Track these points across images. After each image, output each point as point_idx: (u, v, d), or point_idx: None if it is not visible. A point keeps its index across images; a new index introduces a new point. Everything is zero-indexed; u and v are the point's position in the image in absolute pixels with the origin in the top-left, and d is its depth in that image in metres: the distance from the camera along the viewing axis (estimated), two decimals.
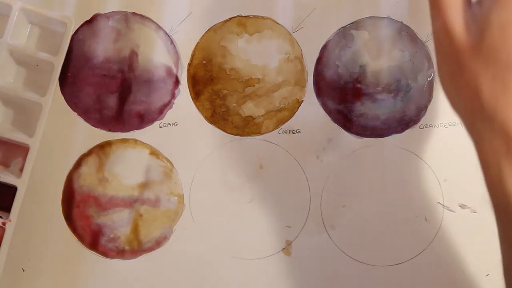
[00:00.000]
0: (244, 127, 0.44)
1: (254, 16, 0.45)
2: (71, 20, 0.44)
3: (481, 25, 0.26)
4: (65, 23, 0.44)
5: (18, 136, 0.43)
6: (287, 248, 0.43)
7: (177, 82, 0.45)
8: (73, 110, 0.45)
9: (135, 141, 0.45)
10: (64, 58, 0.44)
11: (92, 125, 0.45)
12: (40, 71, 0.45)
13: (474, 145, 0.28)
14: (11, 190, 0.42)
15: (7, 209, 0.42)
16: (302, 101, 0.44)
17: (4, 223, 0.42)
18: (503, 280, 0.29)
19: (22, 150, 0.44)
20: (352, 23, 0.44)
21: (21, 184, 0.42)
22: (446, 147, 0.43)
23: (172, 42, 0.45)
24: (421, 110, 0.44)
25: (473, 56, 0.26)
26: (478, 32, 0.27)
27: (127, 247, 0.44)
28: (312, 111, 0.44)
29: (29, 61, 0.45)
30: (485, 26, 0.26)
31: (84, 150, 0.45)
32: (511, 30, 0.25)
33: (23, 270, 0.44)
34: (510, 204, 0.26)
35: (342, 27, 0.44)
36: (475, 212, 0.42)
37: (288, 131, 0.44)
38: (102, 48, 0.45)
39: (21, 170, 0.43)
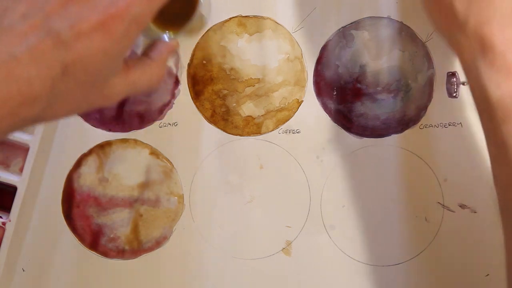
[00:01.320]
0: (244, 127, 0.44)
1: (254, 16, 0.45)
2: None
3: None
4: None
5: (18, 136, 0.43)
6: (287, 248, 0.43)
7: (177, 82, 0.45)
8: None
9: (135, 141, 0.45)
10: None
11: (92, 125, 0.45)
12: None
13: (458, 57, 0.32)
14: (11, 190, 0.42)
15: (7, 209, 0.42)
16: (302, 101, 0.44)
17: (4, 223, 0.42)
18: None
19: (22, 150, 0.44)
20: (352, 23, 0.44)
21: (21, 184, 0.42)
22: (446, 147, 0.43)
23: None
24: (421, 110, 0.44)
25: None
26: None
27: (127, 247, 0.44)
28: (312, 111, 0.44)
29: None
30: None
31: (84, 150, 0.45)
32: None
33: (23, 270, 0.44)
34: (490, 104, 0.29)
35: (342, 27, 0.44)
36: (475, 212, 0.42)
37: (288, 131, 0.44)
38: None
39: (21, 170, 0.43)
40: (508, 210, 0.30)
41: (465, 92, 0.41)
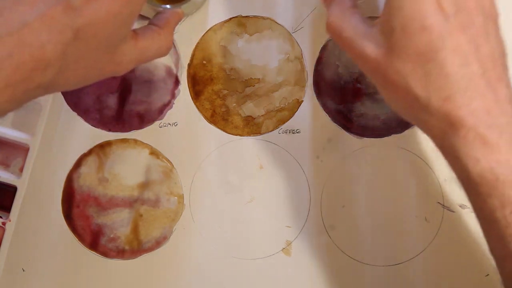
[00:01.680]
0: (244, 127, 0.44)
1: (254, 16, 0.45)
2: None
3: (385, 34, 0.29)
4: None
5: (18, 136, 0.43)
6: (287, 248, 0.43)
7: (177, 82, 0.45)
8: (73, 110, 0.45)
9: (135, 141, 0.45)
10: None
11: (92, 125, 0.45)
12: None
13: (429, 137, 0.31)
14: (11, 190, 0.42)
15: (7, 209, 0.42)
16: (302, 101, 0.44)
17: (4, 223, 0.42)
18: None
19: (22, 150, 0.44)
20: None
21: (21, 184, 0.42)
22: None
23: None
24: None
25: (389, 62, 0.29)
26: (384, 41, 0.29)
27: (127, 247, 0.44)
28: (312, 111, 0.44)
29: None
30: (389, 33, 0.29)
31: (84, 150, 0.45)
32: (410, 27, 0.28)
33: (23, 270, 0.44)
34: (473, 181, 0.28)
35: None
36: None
37: (288, 131, 0.44)
38: None
39: (21, 170, 0.43)
40: (508, 281, 0.29)
41: None
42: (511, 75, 0.30)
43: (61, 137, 0.45)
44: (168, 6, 0.40)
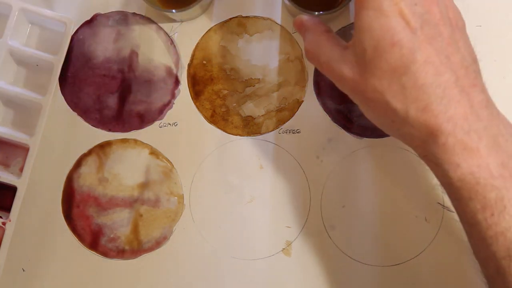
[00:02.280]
0: (244, 127, 0.44)
1: (254, 17, 0.45)
2: (71, 20, 0.44)
3: (358, 55, 0.30)
4: (65, 23, 0.44)
5: (18, 136, 0.43)
6: (287, 249, 0.43)
7: (177, 82, 0.45)
8: (73, 110, 0.45)
9: (135, 141, 0.45)
10: (64, 58, 0.44)
11: (92, 125, 0.45)
12: (40, 71, 0.45)
13: (412, 148, 0.32)
14: (11, 190, 0.42)
15: (7, 209, 0.42)
16: (302, 101, 0.44)
17: (4, 223, 0.42)
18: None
19: (22, 150, 0.44)
20: (352, 23, 0.44)
21: (21, 184, 0.42)
22: None
23: (172, 42, 0.45)
24: None
25: (365, 81, 0.30)
26: (358, 61, 0.31)
27: (127, 247, 0.44)
28: (312, 111, 0.44)
29: (29, 61, 0.45)
30: (362, 53, 0.30)
31: (84, 150, 0.45)
32: (381, 46, 0.29)
33: (23, 270, 0.44)
34: (454, 186, 0.29)
35: (342, 27, 0.44)
36: None
37: (288, 131, 0.44)
38: (102, 48, 0.45)
39: (21, 170, 0.43)
40: (492, 282, 0.30)
41: None
42: (486, 80, 0.31)
43: (61, 137, 0.45)
44: (173, 10, 0.40)
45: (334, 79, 0.33)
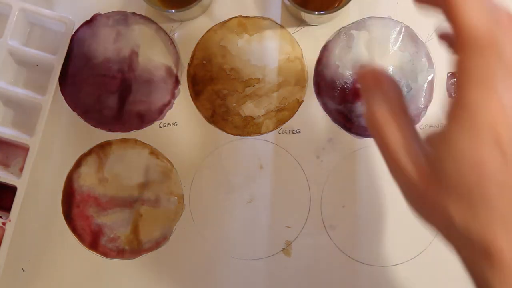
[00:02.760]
0: (244, 127, 0.44)
1: (255, 17, 0.45)
2: (71, 20, 0.44)
3: (435, 160, 0.27)
4: (65, 23, 0.44)
5: (18, 136, 0.43)
6: (287, 249, 0.43)
7: (177, 82, 0.45)
8: (73, 110, 0.45)
9: (135, 141, 0.45)
10: (64, 58, 0.44)
11: (92, 125, 0.45)
12: (40, 71, 0.45)
13: (455, 252, 0.29)
14: (11, 190, 0.42)
15: (7, 209, 0.42)
16: (302, 101, 0.44)
17: (4, 223, 0.42)
18: None
19: (22, 150, 0.44)
20: (352, 23, 0.44)
21: (21, 184, 0.42)
22: None
23: (172, 42, 0.45)
24: (421, 110, 0.44)
25: (431, 186, 0.27)
26: (434, 166, 0.27)
27: (127, 247, 0.44)
28: (312, 111, 0.44)
29: (29, 61, 0.45)
30: (438, 162, 0.27)
31: (84, 150, 0.45)
32: (465, 161, 0.26)
33: (23, 270, 0.44)
34: None
35: (342, 27, 0.44)
36: None
37: (288, 131, 0.44)
38: (102, 48, 0.45)
39: (21, 170, 0.43)
40: None
41: None
42: None
43: (61, 137, 0.45)
44: (173, 10, 0.40)
45: (392, 169, 0.29)
